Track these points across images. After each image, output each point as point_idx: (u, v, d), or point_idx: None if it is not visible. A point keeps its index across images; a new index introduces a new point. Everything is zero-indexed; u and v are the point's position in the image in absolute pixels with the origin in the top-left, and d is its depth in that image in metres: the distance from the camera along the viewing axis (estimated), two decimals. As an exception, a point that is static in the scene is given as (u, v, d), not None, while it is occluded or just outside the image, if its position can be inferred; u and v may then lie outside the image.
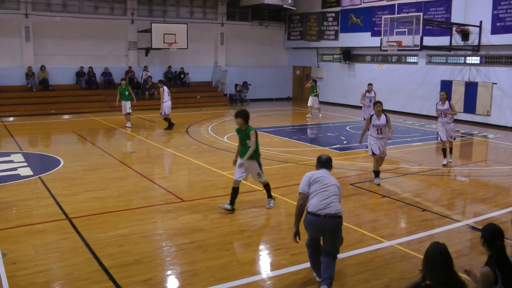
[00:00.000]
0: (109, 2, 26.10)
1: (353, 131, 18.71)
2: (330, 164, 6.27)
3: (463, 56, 21.96)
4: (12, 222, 8.27)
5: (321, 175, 6.05)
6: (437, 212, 9.18)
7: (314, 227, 5.82)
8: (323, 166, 6.22)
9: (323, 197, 5.82)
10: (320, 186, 5.90)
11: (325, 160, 6.26)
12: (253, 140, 8.72)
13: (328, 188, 5.89)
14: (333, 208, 5.74)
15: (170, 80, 27.78)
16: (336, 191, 5.92)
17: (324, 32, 28.71)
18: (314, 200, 5.84)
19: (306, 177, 6.04)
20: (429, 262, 4.17)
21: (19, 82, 24.23)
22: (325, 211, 5.72)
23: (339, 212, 5.79)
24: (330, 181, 5.97)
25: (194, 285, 6.07)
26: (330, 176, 6.09)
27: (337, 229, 5.83)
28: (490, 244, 4.52)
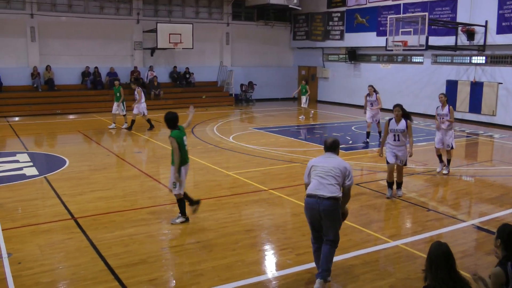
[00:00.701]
0: (114, 2, 26.16)
1: (358, 131, 18.68)
2: (336, 147, 6.30)
3: (469, 56, 21.88)
4: (18, 222, 8.30)
5: (321, 160, 6.17)
6: (443, 212, 9.15)
7: (310, 208, 5.94)
8: (328, 149, 6.29)
9: (319, 180, 5.96)
10: (318, 171, 6.04)
11: (330, 144, 6.30)
12: (174, 147, 8.04)
13: (326, 171, 6.00)
14: (327, 189, 5.86)
15: (176, 80, 27.83)
16: (335, 173, 5.97)
17: (330, 32, 28.67)
18: (311, 184, 6.05)
19: (308, 166, 6.25)
20: (431, 262, 4.13)
21: (25, 82, 24.32)
22: (320, 192, 5.87)
23: (334, 194, 5.86)
24: (329, 164, 6.07)
25: (200, 285, 6.07)
26: (333, 158, 6.16)
27: (333, 211, 5.89)
28: (508, 246, 4.44)
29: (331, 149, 6.29)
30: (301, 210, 7.15)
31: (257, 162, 13.09)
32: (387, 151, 9.88)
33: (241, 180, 11.22)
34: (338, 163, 6.11)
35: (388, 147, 9.87)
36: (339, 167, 6.04)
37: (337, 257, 6.89)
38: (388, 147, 9.86)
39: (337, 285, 6.13)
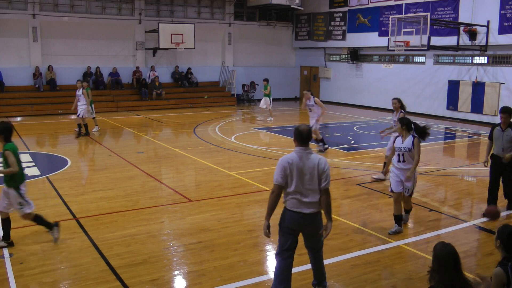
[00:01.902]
0: (116, 2, 26.17)
1: (360, 131, 18.68)
2: (311, 137, 5.48)
3: (471, 56, 21.86)
4: (20, 222, 8.28)
5: (298, 157, 5.28)
6: (444, 212, 9.14)
7: (293, 222, 5.39)
8: (305, 142, 5.36)
9: (301, 192, 5.30)
10: (298, 175, 5.27)
11: (307, 135, 5.38)
12: (11, 162, 6.96)
13: (308, 178, 5.28)
14: (311, 205, 5.31)
15: (178, 80, 27.84)
16: (316, 177, 5.26)
17: (332, 32, 28.66)
18: (291, 199, 5.35)
19: (281, 164, 5.30)
20: (437, 263, 4.09)
21: (27, 82, 24.35)
22: (304, 210, 5.32)
23: (316, 209, 5.35)
24: (309, 164, 5.29)
25: (202, 285, 6.08)
26: (311, 155, 5.34)
27: (318, 225, 5.45)
28: (508, 247, 4.44)
29: (308, 142, 5.39)
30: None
31: (259, 162, 13.09)
32: (391, 175, 8.12)
33: (243, 180, 11.22)
34: (317, 160, 5.31)
35: (391, 171, 8.10)
36: (319, 166, 5.29)
37: (339, 257, 6.91)
38: (392, 170, 8.08)
39: (338, 285, 6.13)
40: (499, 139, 8.76)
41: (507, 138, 8.66)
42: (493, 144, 8.98)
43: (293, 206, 5.34)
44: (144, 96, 25.70)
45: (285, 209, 5.43)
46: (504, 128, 8.72)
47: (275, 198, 5.32)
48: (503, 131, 8.73)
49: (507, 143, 8.66)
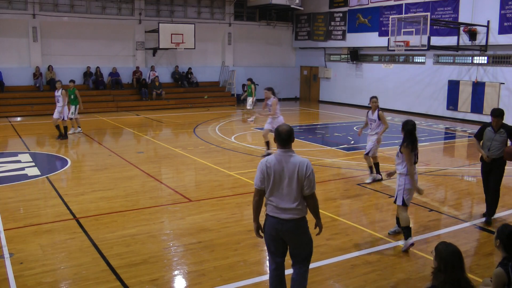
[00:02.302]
0: (116, 2, 26.17)
1: (360, 131, 18.66)
2: (293, 137, 5.02)
3: (471, 56, 21.86)
4: (20, 222, 8.31)
5: (278, 161, 4.96)
6: (444, 212, 9.14)
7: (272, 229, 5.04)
8: (286, 143, 4.99)
9: (279, 198, 4.98)
10: (276, 180, 4.96)
11: (288, 135, 4.97)
12: None
13: (287, 183, 4.94)
14: (290, 211, 4.94)
15: (178, 80, 27.84)
16: (297, 182, 4.90)
17: (332, 32, 28.66)
18: (270, 204, 5.05)
19: (260, 167, 5.05)
20: (444, 262, 4.03)
21: (27, 82, 24.35)
22: (282, 215, 4.97)
23: (298, 215, 4.98)
24: (290, 168, 4.93)
25: (202, 285, 6.08)
26: (292, 157, 4.97)
27: (297, 231, 5.03)
28: (508, 246, 4.44)
29: (289, 143, 5.00)
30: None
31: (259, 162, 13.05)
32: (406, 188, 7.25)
33: (243, 180, 11.22)
34: (299, 163, 4.94)
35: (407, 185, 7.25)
36: (299, 171, 4.91)
37: (339, 257, 6.91)
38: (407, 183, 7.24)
39: (338, 285, 6.13)
40: (490, 140, 8.52)
41: (500, 139, 8.41)
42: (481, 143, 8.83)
43: (271, 211, 5.04)
44: (144, 96, 25.70)
45: (266, 216, 5.14)
46: (497, 129, 8.50)
47: (257, 202, 5.09)
48: (496, 132, 8.48)
49: (498, 144, 8.42)
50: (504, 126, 8.51)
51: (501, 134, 8.45)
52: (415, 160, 7.26)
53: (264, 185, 5.01)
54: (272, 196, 5.01)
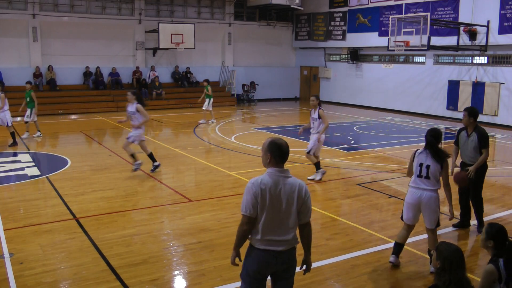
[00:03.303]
0: (116, 2, 26.17)
1: (360, 131, 18.68)
2: (287, 156, 4.28)
3: (471, 56, 21.87)
4: (20, 222, 8.31)
5: (274, 182, 4.18)
6: (444, 212, 9.12)
7: (263, 263, 4.26)
8: (282, 162, 4.27)
9: (276, 225, 4.21)
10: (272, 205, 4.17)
11: (286, 151, 4.25)
12: None
13: (283, 208, 4.20)
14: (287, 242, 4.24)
15: (178, 80, 27.84)
16: (294, 207, 4.21)
17: (332, 32, 28.66)
18: (262, 231, 4.21)
19: (252, 189, 4.16)
20: (447, 262, 3.99)
21: (27, 82, 24.31)
22: (278, 247, 4.22)
23: (290, 246, 4.28)
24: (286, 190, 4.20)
25: (202, 285, 6.08)
26: (289, 179, 4.25)
27: (291, 262, 4.38)
28: (499, 244, 4.49)
29: (284, 161, 4.28)
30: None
31: (259, 162, 12.97)
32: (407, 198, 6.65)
33: (243, 180, 11.22)
34: (297, 187, 4.23)
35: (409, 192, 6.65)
36: (299, 195, 4.22)
37: (339, 257, 6.91)
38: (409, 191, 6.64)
39: (338, 285, 6.13)
40: (465, 145, 7.81)
41: (472, 145, 7.68)
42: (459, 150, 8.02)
43: (262, 243, 4.20)
44: (144, 96, 25.68)
45: (252, 248, 4.27)
46: (470, 132, 7.73)
47: (245, 232, 4.22)
48: (468, 136, 7.74)
49: (471, 150, 7.71)
50: (477, 129, 7.74)
51: (472, 138, 7.70)
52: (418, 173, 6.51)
53: (257, 211, 4.16)
54: (265, 226, 4.17)
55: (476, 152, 7.67)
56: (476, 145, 7.61)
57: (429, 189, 6.42)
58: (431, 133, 6.48)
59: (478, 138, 7.60)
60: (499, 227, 4.57)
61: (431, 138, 6.44)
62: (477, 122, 7.82)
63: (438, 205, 6.50)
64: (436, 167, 6.38)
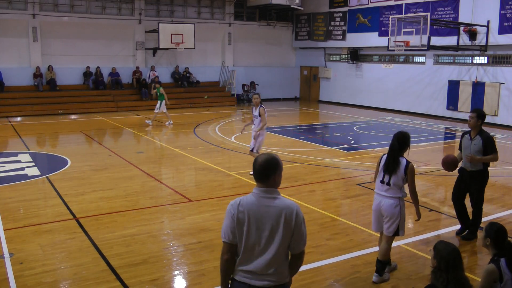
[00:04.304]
0: (116, 3, 26.17)
1: (360, 131, 18.68)
2: (272, 171, 3.62)
3: (471, 56, 21.87)
4: (20, 222, 8.31)
5: (252, 203, 3.60)
6: (444, 212, 9.15)
7: None
8: (261, 180, 3.64)
9: (252, 253, 3.60)
10: (250, 230, 3.58)
11: (262, 168, 3.61)
12: None
13: (263, 234, 3.57)
14: (264, 276, 3.58)
15: (178, 80, 27.84)
16: (278, 234, 3.54)
17: (332, 32, 28.66)
18: (242, 257, 3.64)
19: (229, 212, 3.65)
20: (443, 261, 3.97)
21: (27, 82, 24.35)
22: (253, 281, 3.59)
23: (275, 283, 3.59)
24: (267, 214, 3.56)
25: (202, 285, 6.08)
26: (272, 200, 3.60)
27: None
28: (498, 243, 4.50)
29: (264, 178, 3.62)
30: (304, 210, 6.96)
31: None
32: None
33: (243, 180, 11.22)
34: (285, 210, 3.55)
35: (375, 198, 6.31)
36: (286, 220, 3.54)
37: (339, 257, 6.91)
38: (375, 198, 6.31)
39: (338, 285, 6.12)
40: (468, 149, 7.43)
41: (475, 148, 7.32)
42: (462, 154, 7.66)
43: (238, 274, 3.64)
44: (144, 96, 25.70)
45: (233, 280, 3.70)
46: (473, 135, 7.41)
47: (227, 262, 3.63)
48: (472, 139, 7.41)
49: (474, 153, 7.33)
50: (481, 133, 7.39)
51: (476, 142, 7.34)
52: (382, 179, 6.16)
53: (236, 237, 3.61)
54: (242, 253, 3.61)
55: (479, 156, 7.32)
56: (479, 149, 7.25)
57: (390, 197, 6.05)
58: (397, 137, 6.08)
59: (484, 143, 7.24)
60: (499, 226, 4.58)
61: (395, 142, 6.05)
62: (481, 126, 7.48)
63: (399, 214, 6.05)
64: (399, 174, 5.99)
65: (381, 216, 6.20)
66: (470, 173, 7.47)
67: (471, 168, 7.43)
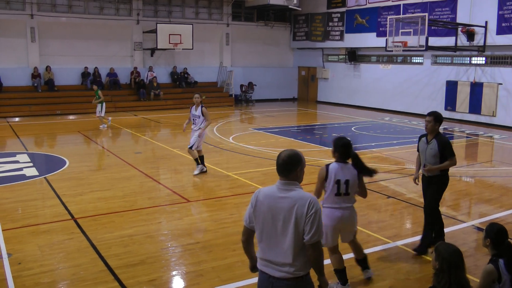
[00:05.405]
0: (114, 3, 26.16)
1: (358, 132, 18.69)
2: (295, 165, 3.78)
3: (469, 57, 21.90)
4: (18, 223, 8.30)
5: (271, 195, 3.77)
6: (443, 213, 9.12)
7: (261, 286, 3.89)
8: (282, 172, 3.78)
9: (267, 245, 3.78)
10: (265, 220, 3.76)
11: (284, 162, 3.76)
12: None
13: (278, 225, 3.70)
14: (280, 267, 3.72)
15: (176, 81, 27.82)
16: (293, 225, 3.64)
17: (330, 32, 28.68)
18: (259, 249, 3.86)
19: (251, 199, 3.90)
20: (445, 263, 3.93)
21: (25, 83, 24.32)
22: (271, 271, 3.76)
23: (292, 274, 3.69)
24: (283, 205, 3.68)
25: (200, 285, 6.08)
26: (290, 192, 3.72)
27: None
28: (497, 244, 4.51)
29: (286, 172, 3.76)
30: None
31: (257, 163, 13.09)
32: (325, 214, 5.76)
33: (241, 180, 11.22)
34: (297, 200, 3.66)
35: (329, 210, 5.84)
36: (298, 211, 3.63)
37: (337, 258, 6.89)
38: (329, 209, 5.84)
39: (337, 285, 6.12)
40: (424, 153, 7.08)
41: (431, 153, 6.93)
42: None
43: (261, 264, 3.83)
44: (142, 96, 25.68)
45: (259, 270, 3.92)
46: (430, 139, 6.99)
47: (245, 244, 3.99)
48: (428, 143, 7.00)
49: (430, 159, 6.96)
50: (438, 137, 6.96)
51: (432, 146, 6.93)
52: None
53: (253, 223, 3.85)
54: (262, 243, 3.79)
55: (436, 161, 6.92)
56: (435, 153, 6.84)
57: (350, 206, 5.83)
58: (343, 143, 5.77)
59: (440, 147, 6.83)
60: (499, 227, 4.59)
61: (343, 149, 5.75)
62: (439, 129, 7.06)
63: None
64: (355, 180, 5.74)
65: (340, 229, 5.90)
66: (428, 178, 7.13)
67: (429, 174, 7.08)
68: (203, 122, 11.64)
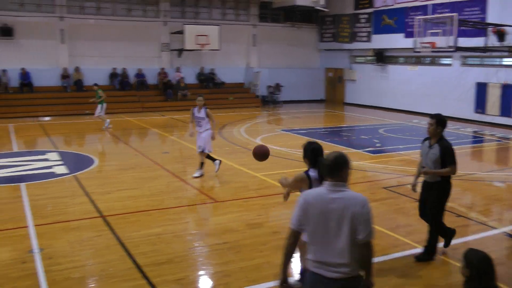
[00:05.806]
0: (141, 5, 26.44)
1: (386, 134, 18.50)
2: (343, 166, 3.86)
3: (499, 58, 21.48)
4: (48, 219, 8.44)
5: (321, 197, 3.81)
6: (473, 218, 8.97)
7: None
8: (331, 173, 3.85)
9: (322, 247, 3.81)
10: (318, 222, 3.79)
11: (333, 163, 3.84)
12: None
13: (331, 226, 3.75)
14: (337, 268, 3.75)
15: (203, 81, 27.96)
16: (347, 226, 3.71)
17: (357, 33, 28.48)
18: (312, 251, 3.89)
19: (299, 202, 3.90)
20: (475, 270, 3.79)
21: (55, 83, 24.77)
22: (327, 272, 3.78)
23: (348, 274, 3.76)
24: (337, 207, 3.74)
25: (227, 285, 6.08)
26: (342, 192, 3.80)
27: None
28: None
29: (335, 173, 3.84)
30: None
31: (284, 164, 13.04)
32: None
33: (268, 182, 11.20)
34: (351, 201, 3.76)
35: None
36: (353, 210, 3.71)
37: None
38: None
39: None
40: (425, 157, 6.81)
41: (432, 158, 6.66)
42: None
43: (314, 265, 3.85)
44: (169, 97, 25.89)
45: (305, 271, 4.04)
46: (432, 143, 6.71)
47: (290, 246, 3.97)
48: (430, 147, 6.73)
49: (431, 164, 6.69)
50: (440, 141, 6.68)
51: (434, 150, 6.65)
52: None
53: (303, 226, 3.87)
54: (314, 245, 3.85)
55: (436, 167, 6.64)
56: (437, 158, 6.58)
57: None
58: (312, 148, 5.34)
59: (441, 152, 6.56)
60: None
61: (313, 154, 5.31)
62: (443, 133, 6.75)
63: None
64: None
65: None
66: (429, 184, 6.87)
67: (429, 180, 6.83)
68: (208, 123, 11.62)
